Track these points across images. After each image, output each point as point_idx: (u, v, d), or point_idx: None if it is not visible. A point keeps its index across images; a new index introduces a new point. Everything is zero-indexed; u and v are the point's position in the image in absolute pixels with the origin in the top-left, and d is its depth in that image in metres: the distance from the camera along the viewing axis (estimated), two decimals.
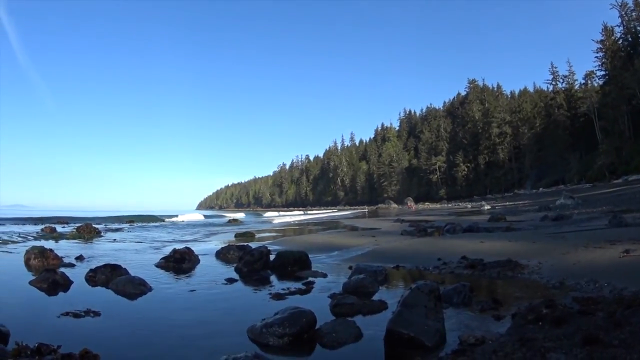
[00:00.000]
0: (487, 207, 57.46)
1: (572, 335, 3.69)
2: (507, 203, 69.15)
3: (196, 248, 13.21)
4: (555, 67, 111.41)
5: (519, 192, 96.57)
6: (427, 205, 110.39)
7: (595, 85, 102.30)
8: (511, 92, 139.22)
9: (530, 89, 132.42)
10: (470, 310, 5.95)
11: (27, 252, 12.12)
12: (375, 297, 7.00)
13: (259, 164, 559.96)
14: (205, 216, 65.48)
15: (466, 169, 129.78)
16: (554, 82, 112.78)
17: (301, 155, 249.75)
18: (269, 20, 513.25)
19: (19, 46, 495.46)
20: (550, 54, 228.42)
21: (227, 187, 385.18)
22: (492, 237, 13.60)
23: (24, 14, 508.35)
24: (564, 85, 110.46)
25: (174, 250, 11.97)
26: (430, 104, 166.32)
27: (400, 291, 7.34)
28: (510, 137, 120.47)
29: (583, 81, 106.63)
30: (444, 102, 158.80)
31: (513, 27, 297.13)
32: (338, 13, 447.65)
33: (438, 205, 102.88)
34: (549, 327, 4.06)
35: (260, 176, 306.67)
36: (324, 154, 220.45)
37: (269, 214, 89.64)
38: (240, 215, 60.33)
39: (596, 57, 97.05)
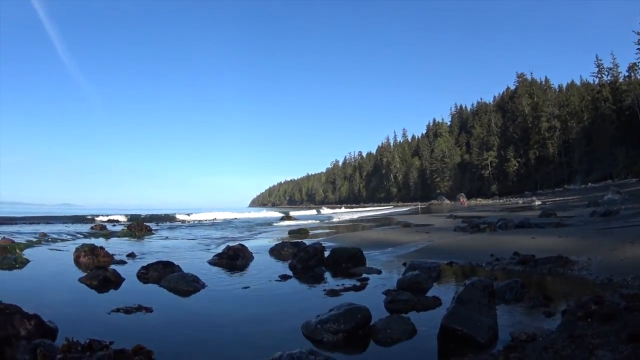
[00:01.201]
0: (537, 202, 56.54)
1: (619, 331, 3.69)
2: (557, 198, 67.70)
3: (250, 245, 13.20)
4: (600, 60, 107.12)
5: (568, 187, 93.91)
6: (479, 201, 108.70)
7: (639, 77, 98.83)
8: (559, 86, 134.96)
9: (578, 82, 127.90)
10: (521, 307, 5.91)
11: (77, 249, 12.20)
12: (429, 294, 6.95)
13: (312, 160, 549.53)
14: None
15: (517, 164, 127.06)
16: (599, 75, 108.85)
17: (354, 151, 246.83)
18: (320, 16, 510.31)
19: (63, 48, 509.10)
20: (596, 45, 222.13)
21: (279, 184, 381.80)
22: (543, 233, 13.41)
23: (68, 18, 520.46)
24: (609, 78, 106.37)
25: (228, 247, 12.01)
26: (481, 99, 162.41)
27: (453, 287, 7.40)
28: (559, 132, 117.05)
29: (627, 74, 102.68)
30: (494, 97, 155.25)
31: (559, 19, 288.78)
32: (389, 7, 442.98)
33: (490, 201, 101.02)
34: (597, 324, 4.05)
35: (313, 173, 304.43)
36: (377, 150, 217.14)
37: (321, 211, 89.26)
38: (293, 212, 59.81)
39: (638, 48, 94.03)
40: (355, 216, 51.62)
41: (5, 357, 4.25)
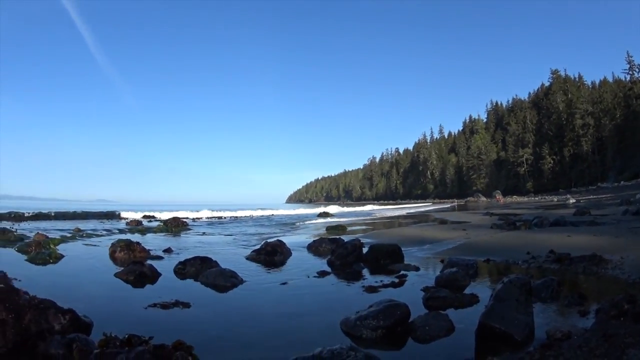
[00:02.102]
0: (572, 200, 55.54)
1: None
2: (591, 196, 66.63)
3: (287, 241, 13.13)
4: (631, 57, 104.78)
5: (601, 186, 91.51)
6: (515, 198, 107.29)
7: None
8: (592, 83, 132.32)
9: (610, 78, 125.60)
10: (557, 305, 5.91)
11: (113, 244, 12.23)
12: (467, 291, 6.95)
13: (349, 157, 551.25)
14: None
15: (552, 162, 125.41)
16: (630, 72, 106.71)
17: (391, 148, 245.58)
18: (356, 13, 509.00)
19: (97, 48, 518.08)
20: (626, 42, 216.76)
21: (317, 180, 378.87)
22: (577, 231, 13.28)
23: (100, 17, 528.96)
24: None
25: (266, 243, 12.02)
26: (516, 95, 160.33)
27: (490, 285, 7.49)
28: (593, 129, 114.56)
29: None
30: (529, 93, 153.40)
31: (590, 14, 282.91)
32: (422, 4, 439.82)
33: (525, 199, 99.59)
34: (630, 323, 4.08)
35: (350, 169, 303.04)
36: (414, 147, 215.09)
37: (359, 207, 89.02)
38: (330, 209, 59.68)
39: None
40: (393, 213, 51.43)
41: (39, 352, 4.24)
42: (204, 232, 22.46)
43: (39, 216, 35.66)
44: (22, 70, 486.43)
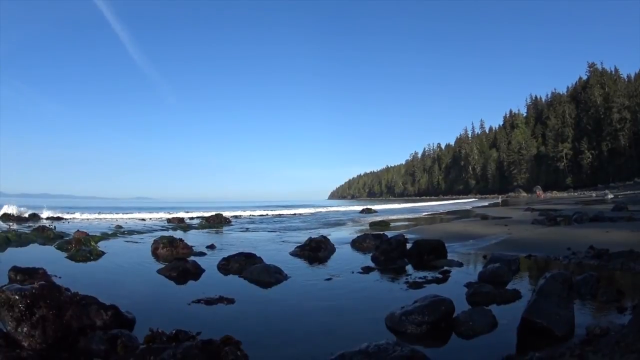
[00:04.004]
0: (610, 196, 54.56)
1: None
2: (629, 192, 65.09)
3: (331, 237, 13.17)
4: None
5: (638, 181, 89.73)
6: (555, 193, 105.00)
7: None
8: (627, 76, 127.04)
9: None
10: (596, 301, 5.87)
11: (155, 241, 12.27)
12: (509, 286, 6.91)
13: (392, 152, 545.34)
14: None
15: (590, 156, 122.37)
16: None
17: (433, 143, 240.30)
18: (395, 10, 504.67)
19: (134, 48, 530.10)
20: None
21: (359, 176, 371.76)
22: (615, 227, 13.20)
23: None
24: None
25: (310, 239, 12.01)
26: (555, 89, 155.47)
27: (533, 280, 7.47)
28: (630, 123, 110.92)
29: None
30: (567, 87, 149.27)
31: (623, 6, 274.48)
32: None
33: (565, 194, 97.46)
34: None
35: (393, 165, 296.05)
36: (455, 142, 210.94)
37: (402, 204, 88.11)
38: (373, 206, 59.21)
39: None
40: (435, 209, 51.03)
41: (79, 347, 4.24)
42: (247, 229, 22.54)
43: (79, 213, 35.88)
44: (60, 73, 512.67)
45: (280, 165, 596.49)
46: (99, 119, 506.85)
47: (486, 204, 66.52)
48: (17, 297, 4.38)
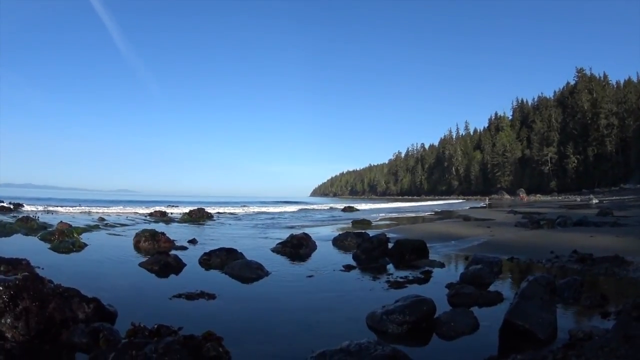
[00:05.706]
0: (595, 201, 54.99)
1: None
2: (614, 197, 65.49)
3: (313, 234, 13.15)
4: None
5: (624, 187, 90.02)
6: (538, 197, 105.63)
7: None
8: (616, 82, 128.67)
9: (635, 78, 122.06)
10: (579, 305, 5.86)
11: (137, 234, 12.30)
12: (491, 288, 6.92)
13: (375, 151, 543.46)
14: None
15: (576, 161, 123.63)
16: None
17: (417, 143, 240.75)
18: (383, 9, 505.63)
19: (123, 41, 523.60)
20: None
21: (342, 174, 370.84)
22: (600, 232, 13.26)
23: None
24: None
25: (291, 236, 12.00)
26: (542, 93, 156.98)
27: (514, 283, 7.51)
28: (617, 129, 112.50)
29: None
30: (554, 91, 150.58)
31: (615, 12, 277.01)
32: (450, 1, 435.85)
33: (549, 198, 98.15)
34: None
35: (376, 164, 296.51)
36: (439, 143, 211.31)
37: (383, 203, 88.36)
38: (355, 204, 59.18)
39: None
40: (417, 209, 51.31)
41: (62, 340, 4.29)
42: (229, 224, 22.69)
43: (60, 205, 35.97)
44: (42, 59, 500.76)
45: (262, 160, 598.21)
46: (81, 107, 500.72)
47: (471, 205, 66.69)
48: (1, 288, 4.38)
